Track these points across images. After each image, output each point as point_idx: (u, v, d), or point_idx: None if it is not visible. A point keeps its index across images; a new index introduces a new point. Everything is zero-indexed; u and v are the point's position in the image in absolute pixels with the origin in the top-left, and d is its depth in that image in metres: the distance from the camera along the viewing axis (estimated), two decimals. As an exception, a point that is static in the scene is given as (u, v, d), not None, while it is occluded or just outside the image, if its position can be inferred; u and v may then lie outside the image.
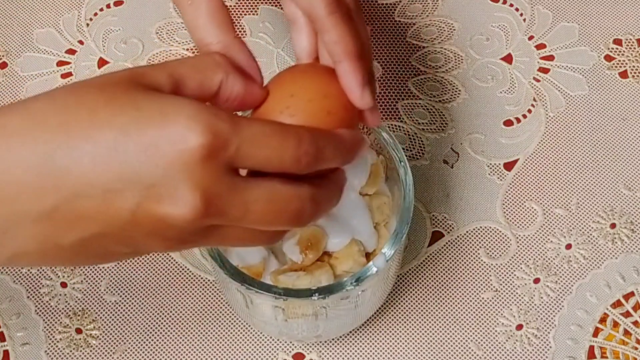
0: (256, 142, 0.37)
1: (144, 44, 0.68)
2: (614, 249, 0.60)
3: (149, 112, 0.36)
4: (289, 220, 0.39)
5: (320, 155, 0.39)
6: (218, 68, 0.40)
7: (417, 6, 0.69)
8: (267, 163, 0.37)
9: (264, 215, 0.38)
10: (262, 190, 0.38)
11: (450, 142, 0.64)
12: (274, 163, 0.37)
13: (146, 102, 0.36)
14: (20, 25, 0.68)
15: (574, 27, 0.68)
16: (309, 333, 0.53)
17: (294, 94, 0.43)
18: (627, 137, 0.64)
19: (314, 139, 0.38)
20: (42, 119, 0.35)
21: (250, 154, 0.36)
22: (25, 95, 0.66)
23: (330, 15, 0.43)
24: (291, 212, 0.38)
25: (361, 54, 0.43)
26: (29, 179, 0.35)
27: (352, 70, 0.43)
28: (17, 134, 0.35)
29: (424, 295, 0.59)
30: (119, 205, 0.35)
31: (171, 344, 0.57)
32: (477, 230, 0.61)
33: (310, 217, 0.39)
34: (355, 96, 0.43)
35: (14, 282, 0.59)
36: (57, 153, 0.35)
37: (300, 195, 0.39)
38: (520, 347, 0.57)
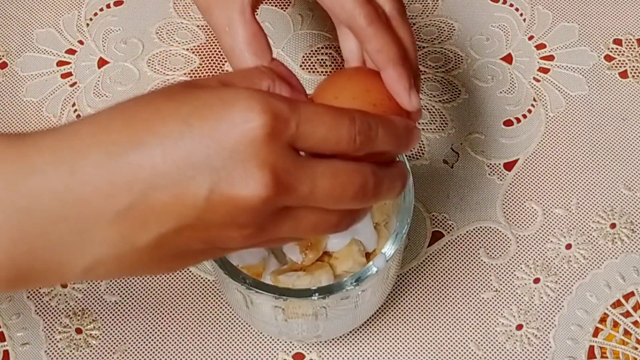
0: (313, 120, 0.37)
1: (144, 44, 0.68)
2: (614, 249, 0.60)
3: (208, 100, 0.37)
4: (355, 195, 0.39)
5: (374, 135, 0.39)
6: (265, 75, 0.41)
7: (417, 6, 0.69)
8: (325, 142, 0.38)
9: (331, 189, 0.38)
10: (326, 166, 0.38)
11: (450, 142, 0.64)
12: (331, 142, 0.38)
13: (204, 94, 0.37)
14: (20, 25, 0.68)
15: (574, 27, 0.68)
16: (309, 333, 0.53)
17: (338, 95, 0.44)
18: (627, 137, 0.64)
19: (366, 118, 0.39)
20: (108, 124, 0.37)
21: (308, 132, 0.37)
22: (25, 95, 0.66)
23: (370, 25, 0.44)
24: (355, 186, 0.39)
25: (404, 59, 0.45)
26: (102, 179, 0.35)
27: (397, 76, 0.45)
28: (86, 140, 0.36)
29: (424, 295, 0.59)
30: (192, 193, 0.36)
31: (171, 344, 0.57)
32: (477, 230, 0.61)
33: (373, 192, 0.40)
34: (403, 100, 0.45)
35: (14, 282, 0.59)
36: (127, 151, 0.36)
37: (362, 170, 0.39)
38: (520, 347, 0.57)
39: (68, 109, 0.65)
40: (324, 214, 0.39)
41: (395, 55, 0.45)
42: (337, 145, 0.38)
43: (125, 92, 0.66)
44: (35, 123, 0.64)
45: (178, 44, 0.68)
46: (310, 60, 0.67)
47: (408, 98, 0.45)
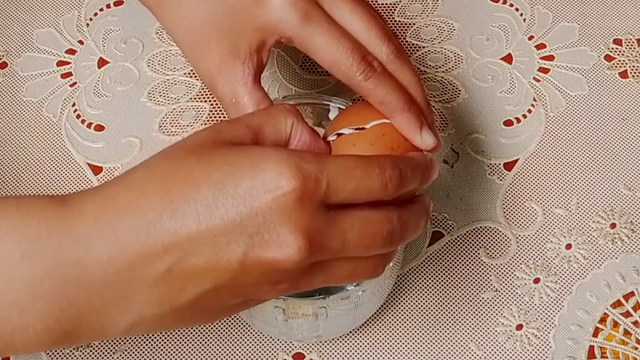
0: (343, 175, 0.39)
1: (144, 44, 0.68)
2: (614, 249, 0.60)
3: (239, 164, 0.38)
4: (383, 242, 0.41)
5: (404, 177, 0.41)
6: (289, 112, 0.42)
7: (417, 6, 0.69)
8: (357, 193, 0.39)
9: (360, 240, 0.40)
10: (355, 218, 0.40)
11: (450, 142, 0.64)
12: (364, 193, 0.40)
13: (234, 156, 0.38)
14: (20, 25, 0.68)
15: (574, 27, 0.68)
16: (309, 333, 0.53)
17: (355, 143, 0.46)
18: (627, 137, 0.64)
19: (395, 163, 0.41)
20: (144, 188, 0.38)
21: (339, 187, 0.39)
22: (25, 95, 0.66)
23: (367, 80, 0.46)
24: (384, 234, 0.40)
25: (409, 102, 0.46)
26: (141, 246, 0.38)
27: (405, 122, 0.46)
28: (125, 206, 0.38)
29: (424, 295, 0.59)
30: (227, 258, 0.38)
31: (171, 344, 0.57)
32: (477, 230, 0.61)
33: (400, 236, 0.41)
34: (417, 142, 0.47)
35: (14, 282, 0.59)
36: (163, 218, 0.37)
37: (389, 217, 0.41)
38: (520, 347, 0.57)
39: (68, 109, 0.65)
40: (357, 263, 0.41)
41: (399, 103, 0.46)
42: (370, 194, 0.40)
43: (125, 92, 0.66)
44: (35, 123, 0.64)
45: (178, 44, 0.67)
46: (311, 60, 0.67)
47: (420, 139, 0.47)
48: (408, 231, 0.42)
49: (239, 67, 0.48)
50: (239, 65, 0.48)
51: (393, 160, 0.41)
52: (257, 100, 0.48)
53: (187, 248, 0.37)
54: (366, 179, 0.39)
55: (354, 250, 0.40)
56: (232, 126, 0.41)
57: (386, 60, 0.47)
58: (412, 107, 0.46)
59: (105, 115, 0.65)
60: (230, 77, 0.48)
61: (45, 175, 0.63)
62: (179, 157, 0.39)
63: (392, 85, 0.46)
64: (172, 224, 0.37)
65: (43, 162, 0.63)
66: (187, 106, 0.65)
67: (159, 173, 0.39)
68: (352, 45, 0.46)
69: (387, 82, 0.46)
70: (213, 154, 0.39)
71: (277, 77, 0.66)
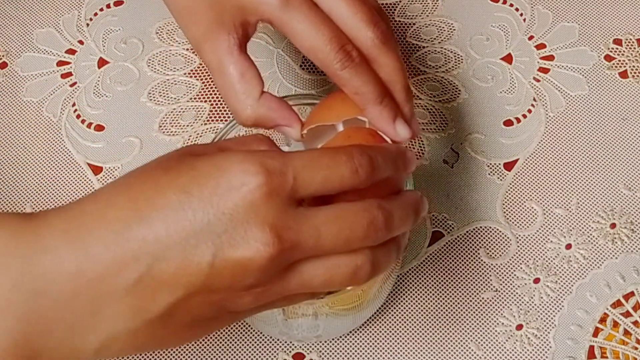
0: (309, 167, 0.38)
1: (144, 44, 0.68)
2: (614, 249, 0.60)
3: (204, 169, 0.38)
4: (365, 233, 0.39)
5: (375, 163, 0.40)
6: (261, 141, 0.42)
7: (417, 6, 0.69)
8: (328, 183, 0.39)
9: (338, 233, 0.39)
10: (329, 212, 0.39)
11: (450, 142, 0.64)
12: (335, 182, 0.39)
13: (199, 162, 0.38)
14: (20, 25, 0.68)
15: (574, 27, 0.68)
16: (309, 333, 0.53)
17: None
18: (627, 137, 0.64)
19: (363, 150, 0.40)
20: (111, 200, 0.38)
21: (307, 179, 0.38)
22: (25, 95, 0.66)
23: (344, 70, 0.46)
24: (364, 224, 0.39)
25: (383, 95, 0.46)
26: (110, 256, 0.37)
27: (377, 114, 0.46)
28: (93, 218, 0.37)
29: (424, 295, 0.59)
30: (197, 261, 0.37)
31: (171, 344, 0.57)
32: (477, 230, 0.61)
33: (385, 226, 0.40)
34: (390, 134, 0.47)
35: (14, 282, 0.59)
36: (131, 227, 0.37)
37: (367, 207, 0.40)
38: (520, 347, 0.57)
39: (68, 109, 0.65)
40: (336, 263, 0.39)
41: (372, 95, 0.46)
42: (342, 182, 0.39)
43: (125, 92, 0.66)
44: (35, 123, 0.64)
45: (178, 44, 0.68)
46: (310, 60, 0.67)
47: (394, 131, 0.47)
48: (393, 222, 0.41)
49: (224, 37, 0.47)
50: (224, 34, 0.47)
51: (360, 148, 0.40)
52: (242, 69, 0.47)
53: (157, 254, 0.37)
54: (335, 167, 0.39)
55: (331, 245, 0.39)
56: (202, 146, 0.41)
57: (370, 45, 0.46)
58: (385, 100, 0.46)
59: (105, 115, 0.65)
60: (215, 45, 0.47)
61: (45, 175, 0.63)
62: (146, 171, 0.39)
63: (369, 76, 0.46)
64: (139, 232, 0.37)
65: (43, 162, 0.63)
66: (187, 106, 0.65)
67: (126, 186, 0.39)
68: (331, 33, 0.46)
69: (363, 73, 0.46)
70: (179, 164, 0.39)
71: (277, 77, 0.66)
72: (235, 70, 0.47)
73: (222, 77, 0.47)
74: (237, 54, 0.47)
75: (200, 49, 0.48)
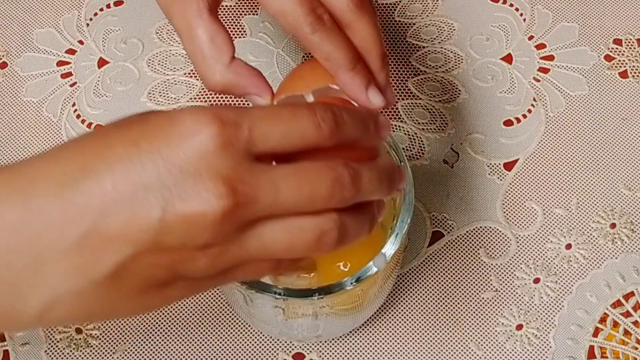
0: (267, 119, 0.36)
1: (144, 44, 0.68)
2: (614, 249, 0.60)
3: (156, 121, 0.36)
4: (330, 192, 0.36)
5: (339, 119, 0.38)
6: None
7: (417, 6, 0.69)
8: (288, 138, 0.36)
9: (298, 190, 0.36)
10: (290, 167, 0.36)
11: (450, 142, 0.64)
12: (295, 136, 0.36)
13: (152, 115, 0.36)
14: (20, 25, 0.68)
15: (574, 27, 0.68)
16: (309, 333, 0.53)
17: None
18: (627, 137, 0.64)
19: (326, 106, 0.38)
20: (58, 155, 0.36)
21: (266, 132, 0.36)
22: (25, 95, 0.66)
23: (314, 34, 0.44)
24: (328, 181, 0.36)
25: (355, 61, 0.44)
26: (54, 210, 0.35)
27: (348, 80, 0.45)
28: (38, 172, 0.35)
29: (424, 295, 0.59)
30: (146, 215, 0.34)
31: (171, 344, 0.57)
32: (477, 230, 0.61)
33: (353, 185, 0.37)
34: (362, 101, 0.45)
35: (14, 282, 0.59)
36: (77, 180, 0.35)
37: (332, 165, 0.37)
38: (520, 347, 0.57)
39: (68, 109, 0.65)
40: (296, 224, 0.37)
41: (344, 61, 0.44)
42: (303, 138, 0.37)
43: (125, 92, 0.66)
44: (35, 123, 0.64)
45: (178, 44, 0.68)
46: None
47: (366, 98, 0.45)
48: (361, 182, 0.38)
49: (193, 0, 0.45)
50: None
51: (324, 104, 0.38)
52: (212, 33, 0.45)
53: (103, 209, 0.34)
54: (295, 121, 0.36)
55: (292, 202, 0.36)
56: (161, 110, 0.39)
57: (345, 10, 0.44)
58: (357, 66, 0.44)
59: (105, 115, 0.65)
60: (184, 8, 0.45)
61: (45, 175, 0.62)
62: (99, 129, 0.37)
63: (340, 41, 0.44)
64: (86, 186, 0.35)
65: (43, 162, 0.63)
66: (187, 106, 0.65)
67: (77, 141, 0.37)
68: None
69: (334, 37, 0.44)
70: (133, 120, 0.36)
71: (277, 77, 0.66)
72: (205, 34, 0.45)
73: (191, 41, 0.45)
74: (206, 18, 0.45)
75: (169, 12, 0.46)
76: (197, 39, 0.45)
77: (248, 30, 0.68)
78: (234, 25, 0.68)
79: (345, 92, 0.45)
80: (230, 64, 0.45)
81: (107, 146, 0.35)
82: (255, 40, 0.67)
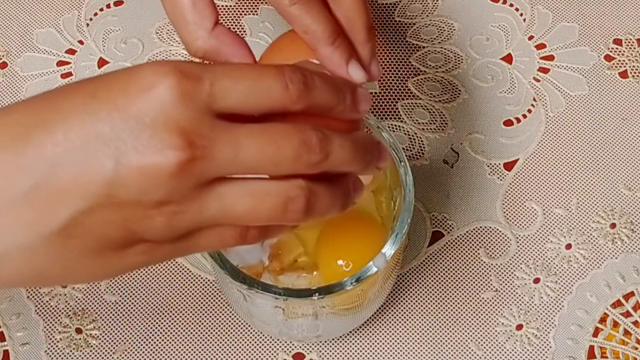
0: (231, 74, 0.34)
1: (144, 44, 0.68)
2: (614, 249, 0.60)
3: (116, 74, 0.35)
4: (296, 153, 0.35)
5: (309, 82, 0.36)
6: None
7: (417, 6, 0.69)
8: (252, 96, 0.34)
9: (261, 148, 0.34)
10: (255, 126, 0.35)
11: (450, 142, 0.64)
12: (260, 94, 0.34)
13: (115, 71, 0.35)
14: (20, 25, 0.68)
15: (574, 27, 0.68)
16: (309, 333, 0.53)
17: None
18: (627, 137, 0.64)
19: (296, 68, 0.36)
20: (13, 108, 0.35)
21: (228, 87, 0.34)
22: (25, 95, 0.66)
23: (293, 5, 0.42)
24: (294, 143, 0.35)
25: (335, 34, 0.43)
26: (6, 162, 0.33)
27: (327, 55, 0.43)
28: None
29: (424, 295, 0.59)
30: (99, 166, 0.33)
31: (171, 344, 0.57)
32: (477, 230, 0.61)
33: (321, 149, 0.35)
34: (343, 75, 0.43)
35: (14, 282, 0.59)
36: (30, 131, 0.33)
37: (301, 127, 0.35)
38: (520, 347, 0.57)
39: (68, 109, 0.65)
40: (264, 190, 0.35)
41: (323, 34, 0.43)
42: (269, 97, 0.35)
43: (125, 92, 0.66)
44: (35, 123, 0.64)
45: (178, 44, 0.67)
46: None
47: (346, 72, 0.43)
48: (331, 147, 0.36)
49: None
50: None
51: (294, 65, 0.36)
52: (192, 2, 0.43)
53: (55, 160, 0.33)
54: (261, 78, 0.34)
55: (254, 161, 0.34)
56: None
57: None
58: (337, 40, 0.43)
59: (105, 115, 0.65)
60: None
61: (45, 175, 0.62)
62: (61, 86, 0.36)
63: (320, 13, 0.43)
64: (38, 137, 0.33)
65: (43, 162, 0.63)
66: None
67: (36, 96, 0.35)
68: None
69: (314, 9, 0.43)
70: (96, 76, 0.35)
71: (277, 77, 0.66)
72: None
73: (172, 5, 0.44)
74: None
75: None
76: (178, 3, 0.43)
77: (248, 30, 0.68)
78: (234, 25, 0.68)
79: (325, 66, 0.44)
80: (212, 30, 0.43)
81: (64, 98, 0.34)
82: (255, 40, 0.67)
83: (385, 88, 0.66)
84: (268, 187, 0.35)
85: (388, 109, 0.65)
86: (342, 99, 0.37)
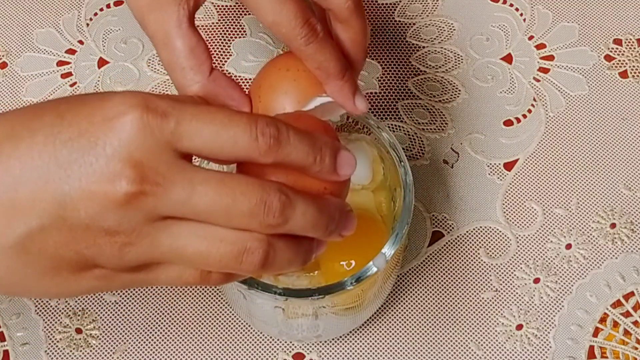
0: (199, 117, 0.34)
1: (144, 44, 0.68)
2: (614, 249, 0.60)
3: (89, 98, 0.35)
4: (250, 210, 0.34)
5: (282, 136, 0.35)
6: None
7: (417, 6, 0.69)
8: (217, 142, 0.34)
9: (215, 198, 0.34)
10: (215, 173, 0.34)
11: (450, 142, 0.64)
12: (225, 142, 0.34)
13: (91, 94, 0.36)
14: (20, 25, 0.68)
15: (574, 27, 0.68)
16: (309, 333, 0.53)
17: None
18: (627, 137, 0.64)
19: (273, 120, 0.36)
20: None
21: (194, 129, 0.34)
22: (25, 95, 0.66)
23: (307, 46, 0.44)
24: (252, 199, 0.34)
25: (344, 70, 0.46)
26: None
27: (337, 89, 0.46)
28: None
29: (424, 295, 0.59)
30: (53, 187, 0.34)
31: (171, 344, 0.57)
32: (477, 230, 0.61)
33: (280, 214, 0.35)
34: (349, 108, 0.46)
35: (14, 282, 0.59)
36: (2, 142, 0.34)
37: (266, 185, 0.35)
38: (520, 347, 0.57)
39: (68, 109, 0.65)
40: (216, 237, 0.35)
41: (335, 70, 0.45)
42: (235, 145, 0.34)
43: (125, 92, 0.66)
44: (35, 123, 0.64)
45: (178, 44, 0.67)
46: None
47: (353, 105, 0.46)
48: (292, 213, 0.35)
49: (173, 8, 0.44)
50: (173, 6, 0.44)
51: (271, 117, 0.36)
52: (192, 44, 0.44)
53: (16, 176, 0.34)
54: (229, 125, 0.34)
55: (206, 208, 0.34)
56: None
57: (337, 11, 0.45)
58: (347, 75, 0.46)
59: (105, 115, 0.65)
60: (163, 17, 0.44)
61: (45, 175, 0.62)
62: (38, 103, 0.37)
63: (331, 51, 0.45)
64: (6, 149, 0.34)
65: (43, 162, 0.63)
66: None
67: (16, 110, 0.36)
68: (295, 7, 0.43)
69: (327, 48, 0.45)
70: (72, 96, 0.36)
71: (277, 77, 0.66)
72: (184, 45, 0.44)
73: (168, 51, 0.44)
74: (185, 28, 0.44)
75: (144, 20, 0.45)
76: (175, 50, 0.44)
77: (248, 30, 0.68)
78: (234, 25, 0.68)
79: (334, 99, 0.46)
80: (210, 75, 0.45)
81: (37, 115, 0.35)
82: (255, 40, 0.67)
83: (385, 88, 0.66)
84: (224, 234, 0.35)
85: (388, 109, 0.65)
86: (320, 159, 0.37)
